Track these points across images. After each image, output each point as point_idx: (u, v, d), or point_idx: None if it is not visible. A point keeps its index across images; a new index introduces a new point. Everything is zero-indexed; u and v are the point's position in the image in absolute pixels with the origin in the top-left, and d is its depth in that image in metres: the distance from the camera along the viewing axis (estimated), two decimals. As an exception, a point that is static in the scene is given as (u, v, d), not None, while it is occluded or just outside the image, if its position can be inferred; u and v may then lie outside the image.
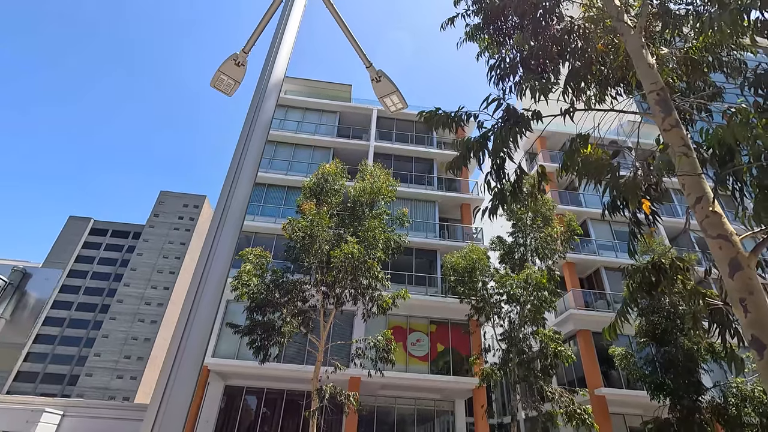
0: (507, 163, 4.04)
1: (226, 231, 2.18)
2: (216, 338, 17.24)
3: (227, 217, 2.20)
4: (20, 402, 20.65)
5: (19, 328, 2.64)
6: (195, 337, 1.91)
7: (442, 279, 19.24)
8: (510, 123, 3.66)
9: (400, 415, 18.44)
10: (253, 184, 2.41)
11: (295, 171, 21.90)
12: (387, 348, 13.06)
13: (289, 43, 3.18)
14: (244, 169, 2.38)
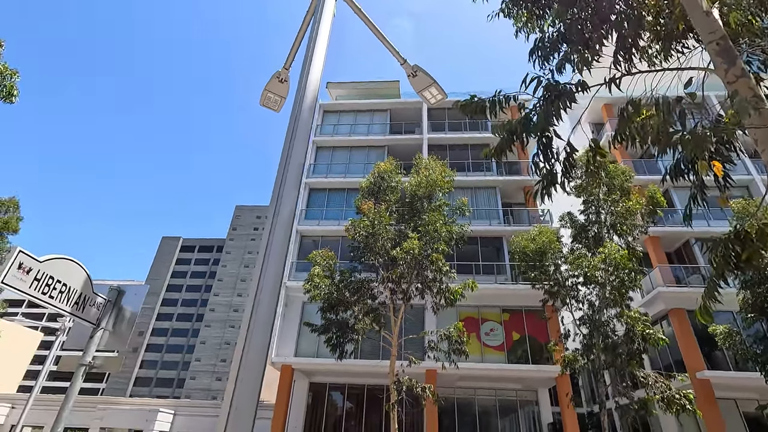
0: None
1: (276, 238, 2.37)
2: (296, 338, 18.26)
3: (276, 225, 2.39)
4: (140, 404, 23.55)
5: (119, 337, 3.09)
6: (257, 338, 2.09)
7: (510, 266, 18.67)
8: (551, 98, 3.50)
9: (482, 406, 18.21)
10: (297, 193, 2.59)
11: (353, 173, 22.43)
12: (459, 340, 12.98)
13: (321, 53, 3.34)
14: (287, 180, 2.56)
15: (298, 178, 2.64)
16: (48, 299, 2.55)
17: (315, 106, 3.05)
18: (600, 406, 13.28)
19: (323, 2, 3.72)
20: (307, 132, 2.86)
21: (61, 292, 2.67)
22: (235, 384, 1.96)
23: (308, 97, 3.04)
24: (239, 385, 1.96)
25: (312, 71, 3.19)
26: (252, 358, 2.03)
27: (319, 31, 3.51)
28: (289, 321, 18.70)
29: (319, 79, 3.24)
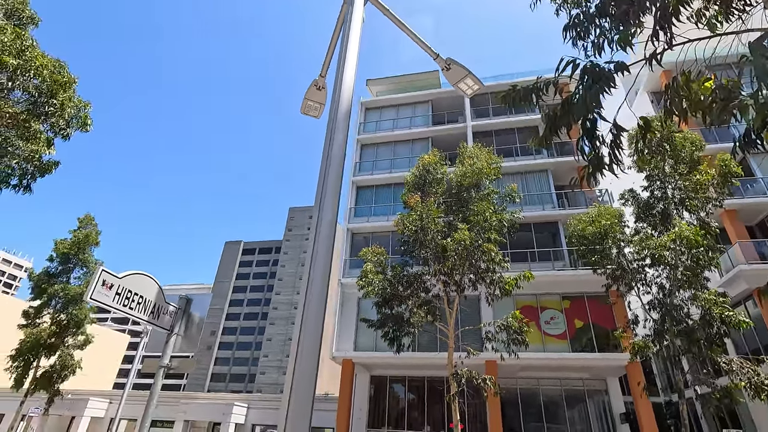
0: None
1: (321, 240, 2.51)
2: (354, 333, 18.75)
3: (321, 225, 2.53)
4: (217, 398, 25.37)
5: (190, 341, 3.44)
6: (309, 331, 2.24)
7: (568, 251, 17.90)
8: (589, 83, 3.34)
9: (547, 396, 17.72)
10: (338, 197, 2.71)
11: (398, 168, 22.50)
12: (519, 329, 12.71)
13: (353, 58, 3.44)
14: (328, 184, 2.69)
15: (337, 181, 2.76)
16: (128, 310, 2.92)
17: (350, 110, 3.15)
18: (678, 394, 12.44)
19: (352, 9, 3.82)
20: (344, 136, 2.97)
21: (138, 303, 3.05)
22: (293, 377, 2.13)
23: (343, 102, 3.15)
24: (296, 378, 2.12)
25: (345, 77, 3.30)
26: (306, 352, 2.18)
27: (350, 37, 3.61)
28: (346, 317, 19.23)
29: (353, 83, 3.35)
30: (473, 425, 17.70)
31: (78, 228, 22.84)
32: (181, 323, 3.36)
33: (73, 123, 8.52)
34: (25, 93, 7.79)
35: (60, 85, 7.79)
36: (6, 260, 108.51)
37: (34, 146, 8.67)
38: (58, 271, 21.80)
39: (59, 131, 8.49)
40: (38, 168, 8.36)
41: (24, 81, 7.65)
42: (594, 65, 3.39)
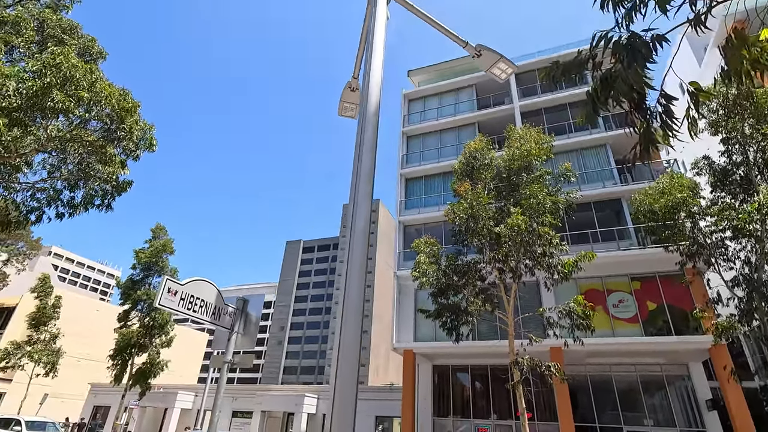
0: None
1: (357, 233, 2.63)
2: (413, 324, 18.94)
3: (356, 221, 2.66)
4: (290, 390, 26.83)
5: (249, 338, 3.76)
6: (350, 326, 2.38)
7: (635, 228, 16.76)
8: (626, 58, 3.14)
9: (621, 383, 16.81)
10: (371, 189, 2.80)
11: (445, 156, 22.22)
12: (583, 314, 12.17)
13: (379, 57, 3.52)
14: (361, 181, 2.81)
15: (370, 178, 2.87)
16: (192, 313, 3.27)
17: (379, 109, 3.23)
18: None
19: (376, 9, 3.88)
20: (374, 135, 3.05)
21: (200, 306, 3.39)
22: (337, 368, 2.29)
23: (371, 101, 3.24)
24: (340, 368, 2.28)
25: (372, 76, 3.38)
26: (347, 344, 2.33)
27: (375, 37, 3.69)
28: (404, 309, 19.46)
29: (380, 82, 3.43)
30: (542, 413, 17.26)
31: (152, 237, 25.03)
32: (240, 322, 3.69)
33: (141, 145, 9.39)
34: (99, 122, 8.70)
35: (126, 111, 8.63)
36: (100, 270, 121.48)
37: (111, 168, 9.68)
38: (141, 278, 24.09)
39: (130, 153, 9.40)
40: (116, 188, 9.33)
41: (98, 111, 8.55)
42: (631, 37, 3.19)
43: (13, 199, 9.23)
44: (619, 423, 16.17)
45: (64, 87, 8.03)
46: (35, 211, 9.28)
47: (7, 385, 30.79)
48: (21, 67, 9.69)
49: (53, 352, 27.88)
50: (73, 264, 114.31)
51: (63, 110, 7.98)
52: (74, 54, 10.77)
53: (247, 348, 3.69)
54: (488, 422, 18.08)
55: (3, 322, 34.13)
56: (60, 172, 9.52)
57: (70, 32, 11.39)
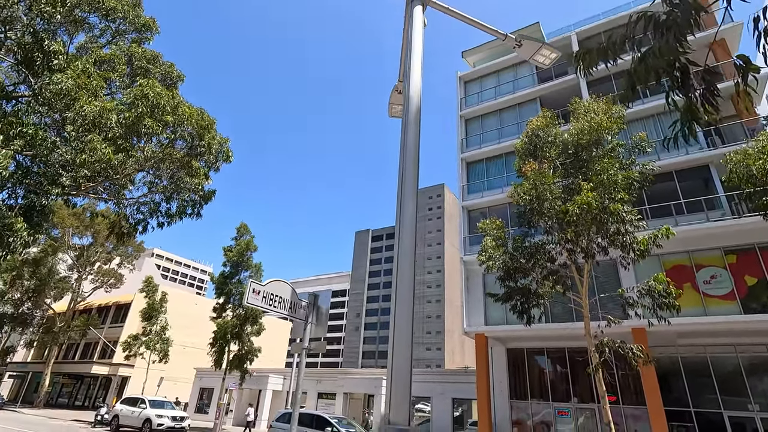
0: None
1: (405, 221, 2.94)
2: (483, 308, 18.92)
3: (404, 218, 2.97)
4: (369, 373, 28.16)
5: (320, 327, 4.29)
6: (403, 313, 2.74)
7: (728, 196, 15.13)
8: (663, 35, 3.06)
9: (719, 365, 15.45)
10: (416, 186, 3.10)
11: (507, 136, 21.55)
12: (664, 293, 11.42)
13: (418, 63, 3.80)
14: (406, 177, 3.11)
15: (415, 174, 3.16)
16: (273, 308, 3.87)
17: (420, 110, 3.53)
18: None
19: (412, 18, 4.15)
20: (416, 134, 3.35)
21: (279, 302, 3.98)
22: (393, 352, 2.66)
23: (413, 103, 3.55)
24: (395, 352, 2.65)
25: (412, 80, 3.69)
26: (401, 329, 2.69)
27: (413, 43, 3.98)
28: (473, 293, 19.49)
29: (420, 86, 3.73)
30: (629, 396, 16.48)
31: (238, 236, 27.41)
32: (312, 314, 4.24)
33: (219, 157, 10.50)
34: (182, 140, 9.89)
35: (204, 128, 9.71)
36: (195, 267, 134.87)
37: (197, 180, 10.96)
38: (230, 273, 26.59)
39: (211, 166, 10.55)
40: (203, 197, 10.56)
41: (181, 132, 9.72)
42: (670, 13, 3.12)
43: (125, 213, 10.86)
44: (717, 408, 14.95)
45: (153, 114, 9.24)
46: (141, 222, 10.84)
47: (131, 370, 35.86)
48: (118, 99, 11.27)
49: (164, 341, 31.99)
50: (172, 263, 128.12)
51: (154, 134, 9.19)
52: (157, 82, 12.27)
53: (320, 335, 4.22)
54: (568, 405, 17.66)
55: (122, 317, 39.63)
56: (157, 187, 10.96)
57: (153, 62, 12.87)
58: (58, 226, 31.18)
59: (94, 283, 37.56)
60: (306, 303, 4.30)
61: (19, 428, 18.76)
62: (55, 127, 10.22)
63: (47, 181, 9.66)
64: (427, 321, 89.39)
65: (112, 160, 8.64)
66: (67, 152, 9.05)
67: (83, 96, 9.17)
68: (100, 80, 10.04)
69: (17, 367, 42.61)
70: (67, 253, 36.42)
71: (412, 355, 2.74)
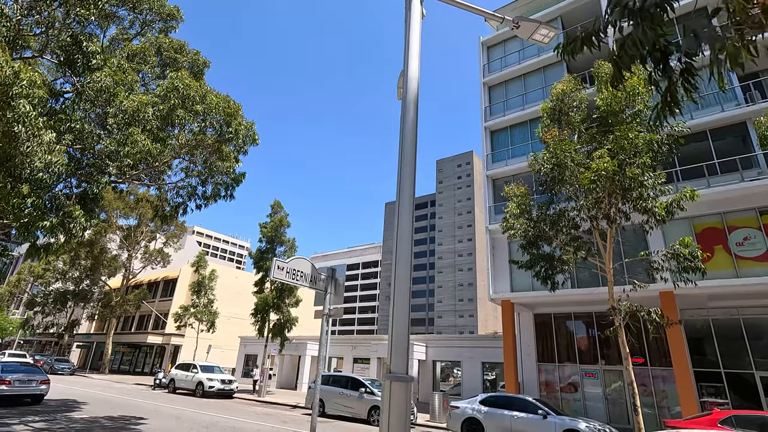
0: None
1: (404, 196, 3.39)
2: (509, 275, 19.24)
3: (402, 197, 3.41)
4: (400, 339, 29.35)
5: (338, 296, 4.87)
6: (401, 280, 3.23)
7: (765, 154, 14.48)
8: (640, 20, 3.23)
9: (751, 326, 15.26)
10: (414, 170, 3.50)
11: (531, 102, 21.08)
12: (690, 256, 11.36)
13: (416, 53, 4.13)
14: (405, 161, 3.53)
15: (413, 159, 3.57)
16: (295, 281, 4.48)
17: (418, 97, 3.88)
18: None
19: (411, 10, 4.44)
20: (414, 118, 3.74)
21: (301, 276, 4.60)
22: (393, 316, 3.17)
23: (411, 91, 3.91)
24: (396, 317, 3.14)
25: (410, 69, 4.04)
26: (400, 295, 3.17)
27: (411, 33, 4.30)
28: (499, 260, 19.79)
29: (418, 75, 4.08)
30: (657, 358, 16.63)
31: (272, 213, 28.59)
32: (331, 285, 4.83)
33: (246, 141, 11.13)
34: (212, 128, 10.55)
35: (230, 115, 10.31)
36: (233, 243, 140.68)
37: (228, 163, 11.69)
38: (266, 249, 27.97)
39: (240, 149, 11.22)
40: (234, 180, 11.31)
41: (210, 119, 10.37)
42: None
43: (166, 196, 11.82)
44: (749, 368, 14.91)
45: (184, 104, 9.90)
46: (181, 205, 11.77)
47: (182, 339, 38.84)
48: (152, 90, 12.01)
49: (211, 312, 34.40)
50: (212, 239, 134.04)
51: (186, 123, 9.88)
52: (186, 71, 12.90)
53: (338, 304, 4.84)
54: (596, 368, 18.03)
55: (171, 291, 42.60)
56: (192, 172, 11.79)
57: (180, 51, 13.47)
58: (106, 209, 33.43)
59: (143, 262, 40.37)
60: (325, 276, 4.90)
61: (93, 390, 21.15)
62: (98, 121, 11.11)
63: (96, 171, 10.65)
64: (459, 289, 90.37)
65: (152, 150, 9.43)
66: (111, 144, 9.92)
67: (121, 92, 9.92)
68: (134, 75, 10.76)
69: (83, 338, 46.96)
70: (115, 233, 39.14)
71: (409, 317, 3.22)
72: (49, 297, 39.07)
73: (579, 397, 18.15)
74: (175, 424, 11.93)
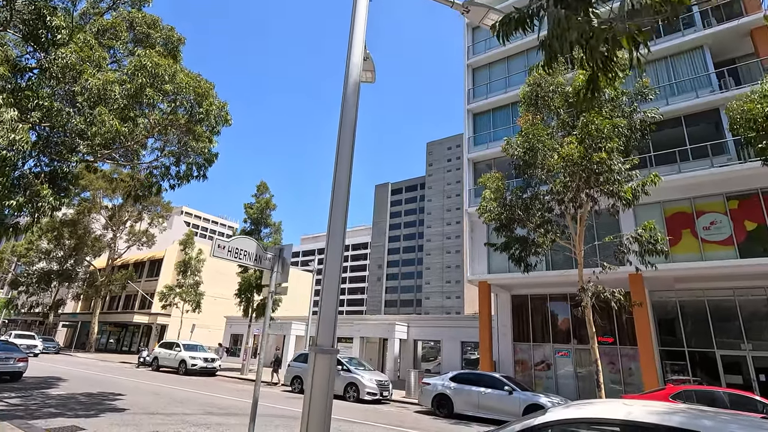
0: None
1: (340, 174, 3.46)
2: (487, 258, 19.60)
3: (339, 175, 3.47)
4: (383, 319, 29.82)
5: (284, 274, 5.04)
6: (333, 258, 3.34)
7: (735, 141, 14.79)
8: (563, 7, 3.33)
9: (715, 308, 15.85)
10: (352, 151, 3.55)
11: (514, 84, 21.05)
12: (653, 240, 11.73)
13: (360, 34, 4.12)
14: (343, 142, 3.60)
15: (351, 143, 3.62)
16: (238, 260, 4.64)
17: (359, 82, 3.85)
18: None
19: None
20: (354, 106, 3.77)
21: (244, 255, 4.75)
22: (323, 293, 3.31)
23: (352, 74, 3.92)
24: (324, 295, 3.28)
25: (354, 53, 4.05)
26: (330, 274, 3.30)
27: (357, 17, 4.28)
28: (477, 243, 20.12)
29: (361, 59, 4.07)
30: (626, 338, 17.22)
31: (257, 194, 28.51)
32: (277, 264, 4.99)
33: (219, 121, 11.08)
34: (182, 107, 10.47)
35: (201, 95, 10.23)
36: (222, 224, 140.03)
37: (203, 144, 11.64)
38: (251, 230, 28.00)
39: (212, 130, 11.17)
40: (206, 160, 11.29)
41: (181, 99, 10.29)
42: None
43: (138, 177, 11.77)
44: (711, 347, 15.57)
45: (154, 83, 9.79)
46: (154, 185, 11.74)
47: (168, 319, 39.07)
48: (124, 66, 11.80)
49: (197, 293, 34.59)
50: (200, 220, 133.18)
51: (155, 103, 9.80)
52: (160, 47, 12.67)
53: (283, 281, 5.04)
54: (568, 347, 18.64)
55: (156, 271, 42.58)
56: (165, 152, 11.74)
57: (153, 26, 13.19)
58: (88, 189, 33.05)
59: (128, 242, 40.16)
60: (272, 255, 5.06)
61: (76, 368, 21.34)
62: (67, 98, 10.94)
63: (66, 150, 10.55)
64: (447, 270, 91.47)
65: (120, 130, 9.36)
66: (81, 122, 9.81)
67: (87, 69, 9.77)
68: (102, 52, 10.57)
69: (68, 318, 46.96)
70: (100, 213, 38.78)
71: (338, 297, 3.34)
72: (32, 276, 38.85)
73: (552, 375, 18.82)
74: (152, 399, 12.19)
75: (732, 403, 9.79)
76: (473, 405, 12.69)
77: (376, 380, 15.57)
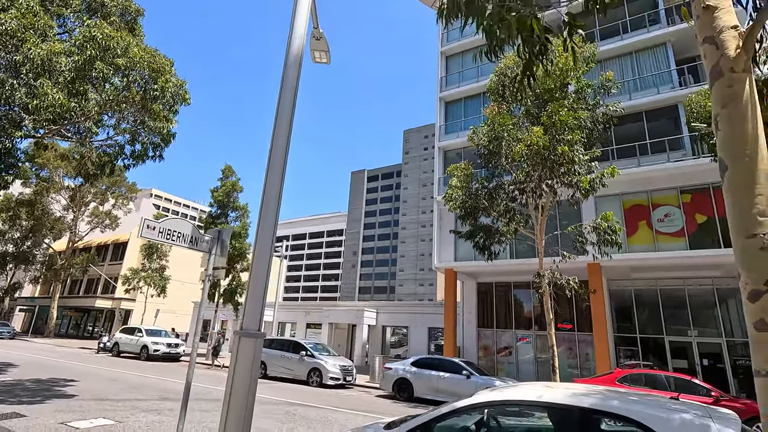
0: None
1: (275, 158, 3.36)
2: (454, 246, 19.84)
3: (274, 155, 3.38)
4: (352, 306, 29.93)
5: (223, 257, 4.93)
6: (262, 248, 3.27)
7: (691, 137, 15.37)
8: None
9: (666, 297, 16.63)
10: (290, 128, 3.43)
11: (486, 74, 21.09)
12: (610, 230, 12.13)
13: (304, 12, 3.97)
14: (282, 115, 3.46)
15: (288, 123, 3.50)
16: (170, 241, 4.50)
17: (302, 57, 3.71)
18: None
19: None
20: (294, 80, 3.63)
21: (178, 237, 4.60)
22: (251, 279, 3.24)
23: (294, 49, 3.74)
24: (253, 281, 3.21)
25: (296, 26, 3.87)
26: (258, 271, 3.23)
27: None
28: (445, 231, 20.30)
29: (304, 33, 3.91)
30: (584, 325, 17.86)
31: (223, 177, 27.81)
32: (216, 247, 4.87)
33: (176, 99, 10.64)
34: (136, 84, 9.99)
35: (156, 71, 9.77)
36: (194, 207, 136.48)
37: (161, 123, 11.17)
38: (218, 214, 27.38)
39: (170, 109, 10.73)
40: (163, 140, 10.85)
41: (134, 75, 9.81)
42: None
43: (89, 156, 11.22)
44: (661, 333, 16.36)
45: (105, 57, 9.28)
46: (106, 164, 11.23)
47: (132, 304, 38.02)
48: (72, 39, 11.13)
49: (162, 277, 33.72)
50: (171, 203, 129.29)
51: (106, 78, 9.31)
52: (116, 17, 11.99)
53: (221, 265, 4.92)
54: (529, 333, 19.22)
55: (121, 255, 41.21)
56: (119, 130, 11.22)
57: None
58: (46, 167, 31.45)
59: (90, 224, 38.57)
60: (210, 237, 4.92)
61: (31, 354, 20.53)
62: (10, 69, 10.25)
63: (9, 124, 9.92)
64: (421, 258, 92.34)
65: (65, 104, 8.86)
66: (24, 95, 9.23)
67: (31, 37, 9.15)
68: (47, 19, 9.91)
69: (26, 302, 45.02)
70: (59, 194, 37.00)
71: (268, 280, 3.29)
72: (-15, 258, 36.91)
73: (513, 360, 19.40)
74: (105, 385, 11.86)
75: (676, 386, 10.36)
76: (432, 389, 12.95)
77: (339, 365, 15.65)
